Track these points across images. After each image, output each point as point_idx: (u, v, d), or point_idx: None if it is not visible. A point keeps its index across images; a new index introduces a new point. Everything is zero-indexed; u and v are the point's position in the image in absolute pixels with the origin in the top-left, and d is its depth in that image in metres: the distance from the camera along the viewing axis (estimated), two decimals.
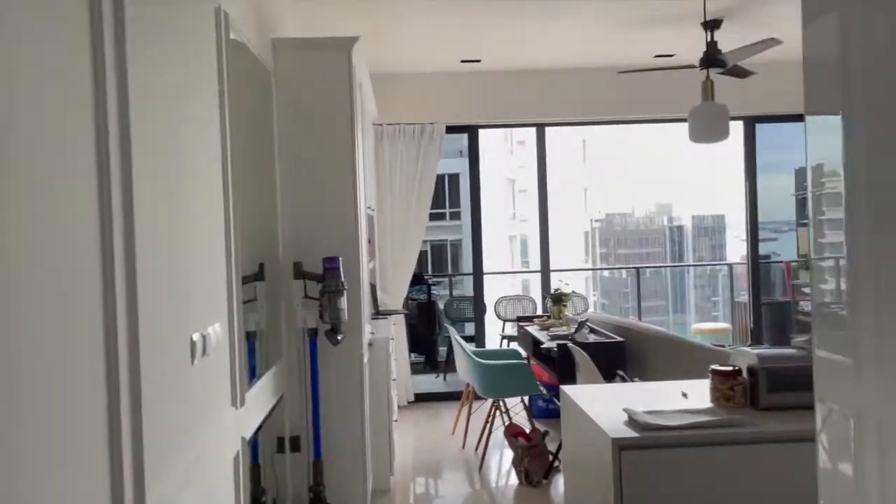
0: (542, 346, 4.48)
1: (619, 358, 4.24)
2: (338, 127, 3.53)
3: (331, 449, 3.52)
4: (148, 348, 1.49)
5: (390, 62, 5.82)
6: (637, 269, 8.91)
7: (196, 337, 1.84)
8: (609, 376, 3.92)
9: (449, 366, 7.56)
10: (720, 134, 2.33)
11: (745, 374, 2.29)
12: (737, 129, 6.70)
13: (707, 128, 2.32)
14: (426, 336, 6.92)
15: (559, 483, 4.36)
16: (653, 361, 4.28)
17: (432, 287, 7.11)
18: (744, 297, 9.03)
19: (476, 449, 4.97)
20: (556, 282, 5.89)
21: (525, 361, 4.60)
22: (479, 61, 5.91)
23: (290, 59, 3.44)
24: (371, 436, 3.77)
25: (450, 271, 18.12)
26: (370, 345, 4.14)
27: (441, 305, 7.56)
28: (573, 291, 5.52)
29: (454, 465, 4.81)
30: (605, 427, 2.09)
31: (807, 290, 7.76)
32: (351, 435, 3.58)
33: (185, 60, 1.90)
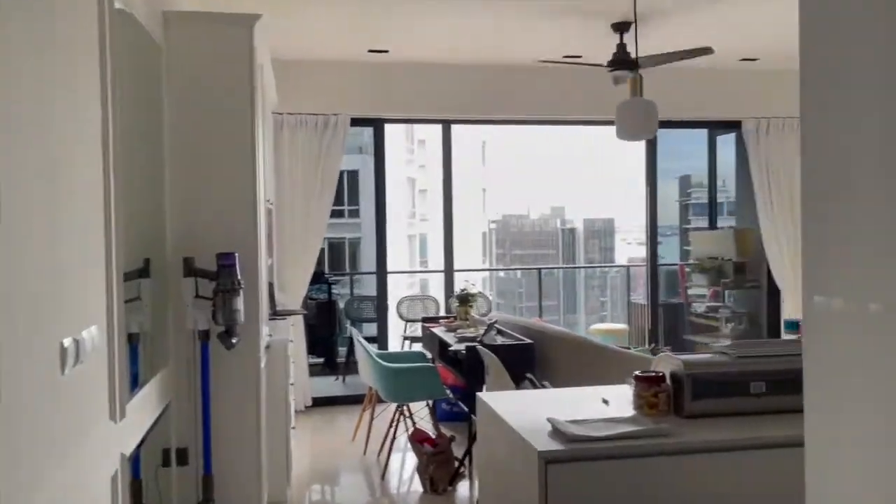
0: (450, 349, 4.34)
1: (527, 360, 4.15)
2: (236, 111, 3.25)
3: (222, 461, 3.24)
4: (8, 356, 1.23)
5: (293, 48, 5.52)
6: (539, 269, 8.94)
7: (68, 342, 1.58)
8: (517, 379, 3.81)
9: (348, 368, 7.32)
10: (648, 130, 2.25)
11: (668, 380, 2.21)
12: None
13: (635, 124, 2.23)
14: (326, 337, 6.65)
15: (463, 490, 4.23)
16: (561, 364, 4.21)
17: (332, 286, 6.84)
18: (639, 298, 9.25)
19: (378, 455, 4.77)
20: (463, 282, 5.76)
21: (432, 365, 4.43)
22: (386, 52, 5.70)
23: (183, 34, 3.13)
24: (267, 445, 3.51)
25: (348, 270, 17.77)
26: (267, 347, 3.86)
27: (341, 305, 7.30)
28: (479, 292, 5.41)
29: (355, 473, 4.58)
30: (529, 439, 1.95)
31: (699, 291, 7.99)
32: (245, 446, 3.32)
33: (58, 32, 1.62)
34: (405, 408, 4.62)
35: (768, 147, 6.54)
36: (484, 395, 2.46)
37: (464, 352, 4.15)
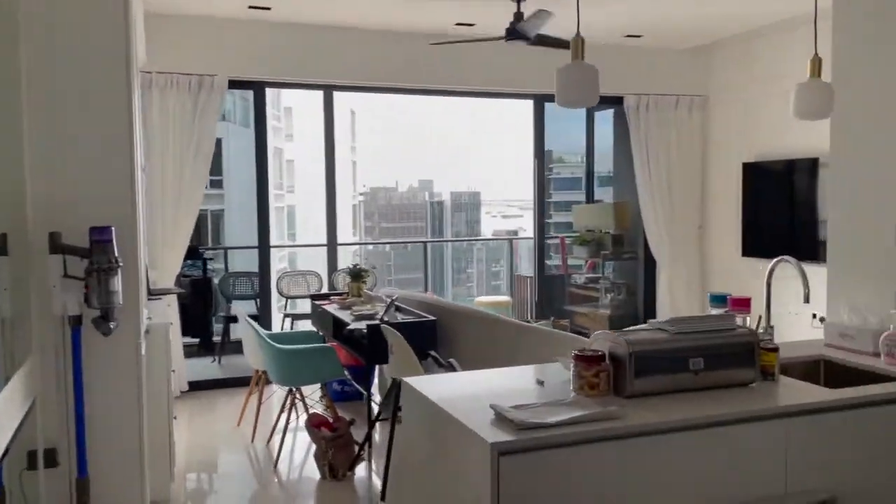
0: (349, 328, 4.10)
1: (430, 338, 4.00)
2: (109, 64, 2.85)
3: (99, 461, 2.88)
4: None
5: (164, 1, 5.00)
6: (425, 242, 8.78)
7: None
8: (420, 357, 3.65)
9: (224, 348, 6.89)
10: (589, 98, 2.12)
11: (606, 359, 2.11)
12: (526, 107, 6.78)
13: (577, 90, 2.09)
14: (201, 316, 6.19)
15: (363, 474, 4.04)
16: (466, 340, 4.09)
17: (208, 262, 6.37)
18: (524, 271, 9.34)
19: (268, 442, 4.48)
20: (353, 256, 5.50)
21: (329, 345, 4.18)
22: (268, 9, 5.29)
23: None
24: (148, 439, 3.15)
25: (210, 244, 16.90)
26: (146, 332, 3.48)
27: (216, 282, 6.84)
28: (374, 267, 5.18)
29: (244, 462, 4.27)
30: (475, 429, 1.79)
31: (579, 262, 8.15)
32: (124, 443, 2.97)
33: None
34: (297, 390, 4.35)
35: (648, 123, 6.70)
36: (412, 381, 2.27)
37: (364, 331, 3.93)
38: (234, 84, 5.71)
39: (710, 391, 2.12)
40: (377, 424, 4.30)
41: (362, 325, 4.05)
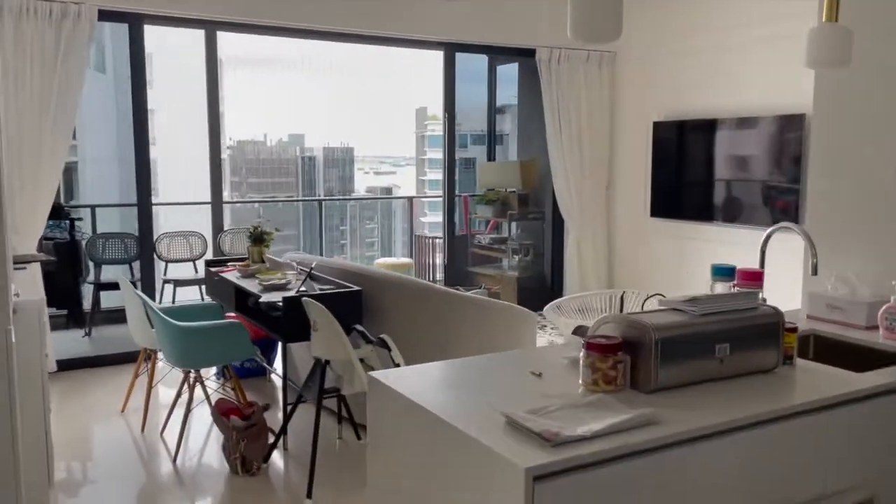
0: (262, 301, 3.57)
1: (355, 311, 3.56)
2: None
3: None
4: None
5: None
6: (320, 200, 8.16)
7: None
8: (345, 333, 3.23)
9: (95, 319, 6.13)
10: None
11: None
12: (436, 57, 6.33)
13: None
14: (69, 285, 5.40)
15: (278, 463, 3.59)
16: (394, 312, 3.69)
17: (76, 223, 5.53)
18: (402, 231, 8.98)
19: (162, 432, 3.91)
20: (256, 217, 4.91)
21: (238, 322, 3.64)
22: None
23: None
24: (22, 441, 2.56)
25: (63, 201, 15.35)
26: (14, 312, 2.83)
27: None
28: (277, 229, 4.63)
29: (136, 457, 3.69)
30: (499, 448, 1.41)
31: (481, 222, 7.89)
32: None
33: None
34: (196, 372, 3.80)
35: (560, 77, 6.45)
36: (383, 377, 1.85)
37: (280, 304, 3.44)
38: (106, 15, 4.89)
39: (735, 380, 1.85)
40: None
41: (277, 297, 3.55)
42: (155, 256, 6.57)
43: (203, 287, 6.66)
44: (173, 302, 6.46)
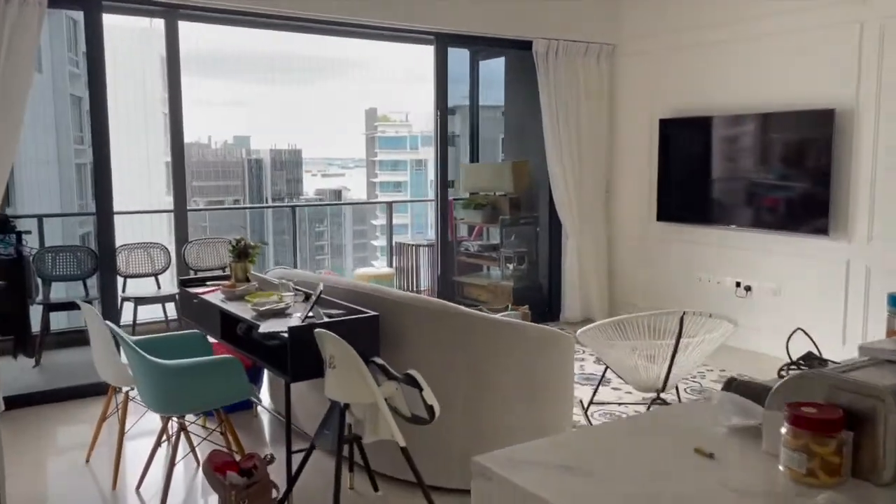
0: (263, 332, 2.99)
1: (371, 340, 3.02)
2: None
3: None
4: None
5: None
6: (293, 207, 7.48)
7: None
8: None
9: (46, 343, 5.43)
10: None
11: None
12: (426, 51, 5.81)
13: None
14: (16, 308, 4.69)
15: None
16: (414, 339, 3.15)
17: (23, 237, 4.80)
18: (403, 237, 8.42)
19: (138, 488, 3.28)
20: (239, 228, 4.30)
21: (233, 358, 3.05)
22: None
23: None
24: None
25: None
26: None
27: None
28: (264, 242, 4.04)
29: None
30: None
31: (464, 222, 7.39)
32: None
33: None
34: (180, 416, 3.19)
35: (557, 72, 5.99)
36: (492, 462, 1.33)
37: (286, 335, 2.86)
38: (58, 1, 4.23)
39: None
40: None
41: (279, 326, 2.97)
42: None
43: (167, 306, 5.99)
44: (134, 323, 5.78)
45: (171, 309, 6.05)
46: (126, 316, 5.85)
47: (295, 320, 3.06)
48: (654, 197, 5.94)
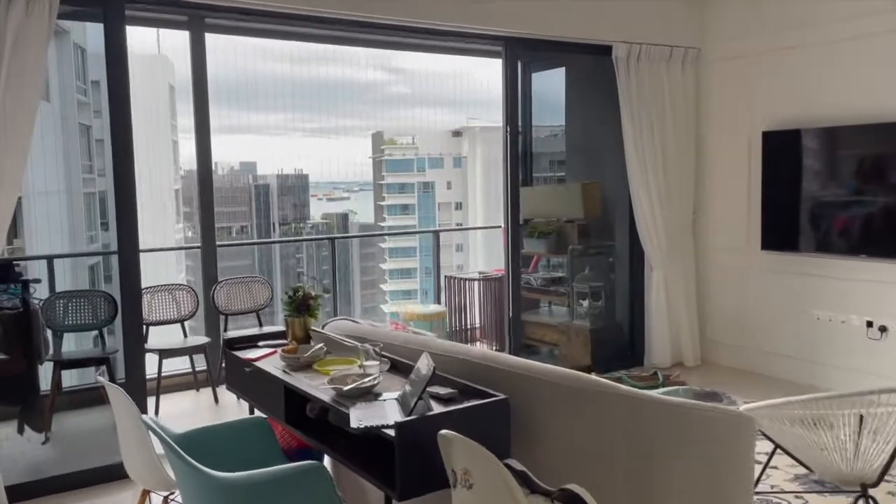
0: (361, 427, 2.18)
1: (499, 435, 2.21)
2: None
3: None
4: None
5: None
6: (332, 239, 6.66)
7: None
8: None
9: (57, 405, 4.64)
10: None
11: None
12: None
13: None
14: (23, 372, 3.91)
15: None
16: (545, 430, 2.34)
17: (30, 286, 4.02)
18: (450, 270, 7.63)
19: None
20: (298, 274, 3.51)
21: (320, 465, 2.24)
22: None
23: None
24: None
25: (6, 244, 13.51)
26: None
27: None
28: (326, 291, 3.25)
29: None
30: None
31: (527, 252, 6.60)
32: None
33: None
34: None
35: (639, 79, 5.22)
36: None
37: (392, 433, 2.06)
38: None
39: None
40: None
41: (378, 418, 2.17)
42: None
43: (195, 356, 5.21)
44: (158, 380, 4.97)
45: (199, 360, 5.27)
46: (149, 369, 5.06)
47: (393, 407, 2.26)
48: (757, 222, 5.14)
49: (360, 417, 2.20)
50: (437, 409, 2.23)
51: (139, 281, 3.94)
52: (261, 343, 3.20)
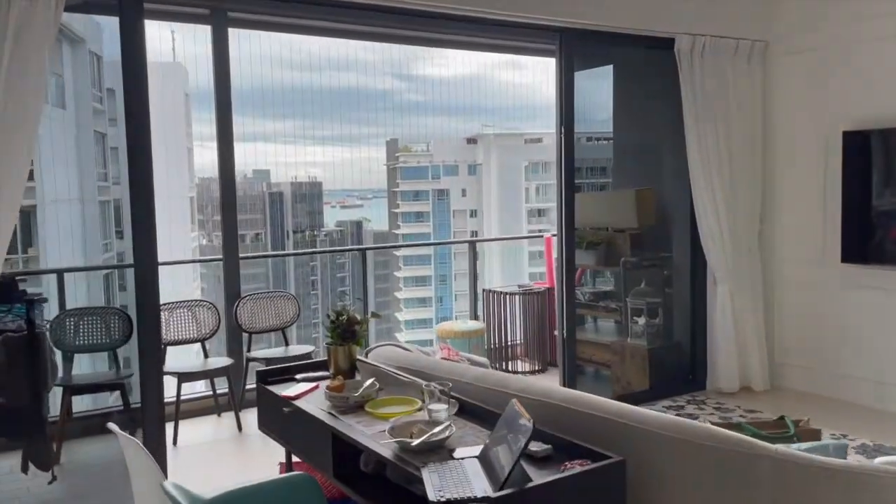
0: (446, 499, 1.72)
1: (611, 497, 1.74)
2: None
3: None
4: None
5: None
6: (362, 250, 6.18)
7: None
8: None
9: (66, 433, 4.23)
10: None
11: None
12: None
13: None
14: (27, 404, 3.47)
15: None
16: (677, 494, 1.87)
17: (35, 305, 3.58)
18: (493, 283, 7.18)
19: None
20: (339, 300, 3.05)
21: None
22: None
23: None
24: None
25: (20, 252, 13.08)
26: None
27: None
28: (376, 314, 2.80)
29: None
30: None
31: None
32: None
33: None
34: None
35: (703, 74, 4.75)
36: None
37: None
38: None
39: None
40: None
41: (470, 490, 1.70)
42: None
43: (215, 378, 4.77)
44: (177, 406, 4.53)
45: (220, 383, 4.84)
46: (167, 389, 4.62)
47: (475, 469, 1.79)
48: (835, 231, 4.64)
49: (438, 486, 1.73)
50: (533, 473, 1.77)
51: (157, 296, 3.50)
52: (299, 376, 2.75)
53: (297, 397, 2.51)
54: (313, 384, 2.62)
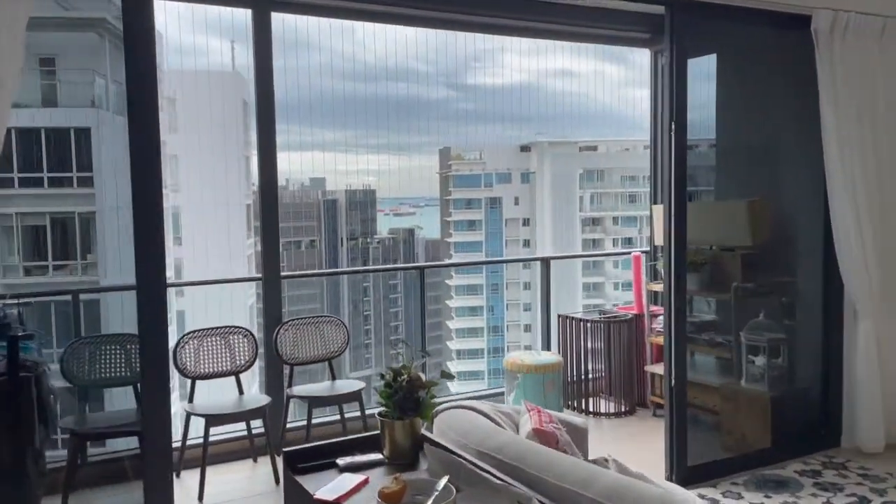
0: None
1: None
2: None
3: None
4: None
5: None
6: (420, 268, 5.38)
7: None
8: None
9: (76, 483, 3.59)
10: None
11: None
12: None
13: None
14: (7, 464, 2.79)
15: None
16: None
17: (26, 344, 2.90)
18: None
19: None
20: (412, 352, 2.26)
21: None
22: None
23: None
24: None
25: (80, 258, 12.68)
26: None
27: (49, 368, 3.40)
28: (425, 353, 1.87)
29: None
30: None
31: (659, 287, 5.26)
32: None
33: None
34: None
35: (846, 59, 3.84)
36: None
37: None
38: None
39: None
40: None
41: None
42: (178, 371, 4.00)
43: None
44: (204, 452, 3.82)
45: (255, 423, 4.13)
46: (195, 429, 3.94)
47: None
48: None
49: None
50: None
51: (165, 324, 2.80)
52: (341, 462, 1.97)
53: (339, 500, 1.74)
54: (361, 477, 1.84)
